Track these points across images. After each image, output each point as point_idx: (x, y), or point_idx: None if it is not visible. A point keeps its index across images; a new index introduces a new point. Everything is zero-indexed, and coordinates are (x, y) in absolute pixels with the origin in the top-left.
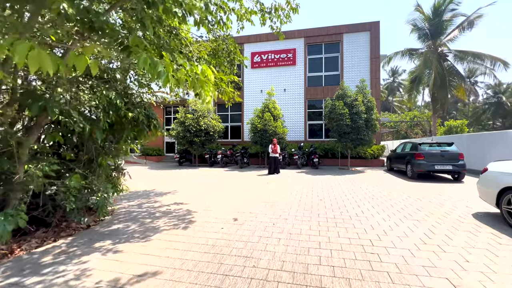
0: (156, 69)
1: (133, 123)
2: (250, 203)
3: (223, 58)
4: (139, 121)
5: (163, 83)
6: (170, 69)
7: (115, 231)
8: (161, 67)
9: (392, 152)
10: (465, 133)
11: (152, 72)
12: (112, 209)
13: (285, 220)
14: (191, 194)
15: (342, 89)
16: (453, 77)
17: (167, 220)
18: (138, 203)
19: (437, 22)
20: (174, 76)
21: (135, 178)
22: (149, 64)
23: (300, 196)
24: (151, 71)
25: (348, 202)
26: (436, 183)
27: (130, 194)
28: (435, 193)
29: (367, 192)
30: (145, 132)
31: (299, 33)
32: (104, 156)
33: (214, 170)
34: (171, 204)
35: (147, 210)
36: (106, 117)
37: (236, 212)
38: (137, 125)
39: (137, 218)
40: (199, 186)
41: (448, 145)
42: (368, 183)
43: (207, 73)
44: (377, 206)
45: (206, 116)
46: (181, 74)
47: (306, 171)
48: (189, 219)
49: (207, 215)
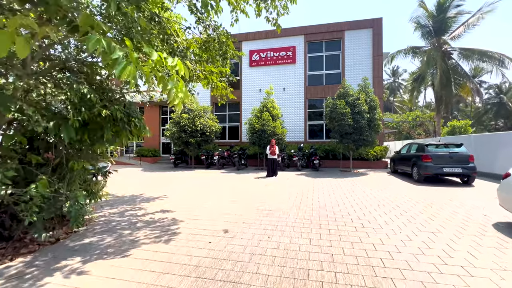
0: (112, 56)
1: (111, 122)
2: (244, 210)
3: (215, 51)
4: (118, 120)
5: (118, 74)
6: (133, 58)
7: (86, 246)
8: (118, 54)
9: (396, 154)
10: (469, 133)
11: (107, 59)
12: (90, 218)
13: (281, 232)
14: (181, 200)
15: (344, 88)
16: (458, 76)
17: (148, 232)
18: (121, 210)
19: (441, 19)
20: (138, 68)
21: (125, 181)
22: (102, 48)
23: (299, 202)
24: (106, 58)
25: (352, 209)
26: (445, 186)
27: (115, 200)
28: (446, 199)
29: (372, 198)
30: (126, 132)
31: (299, 30)
32: (77, 160)
33: (210, 172)
34: (156, 211)
35: (128, 219)
36: (77, 114)
37: (227, 222)
38: (116, 124)
39: (115, 229)
40: (191, 190)
41: (457, 146)
42: (372, 187)
43: (179, 68)
44: (384, 214)
45: (203, 116)
46: (146, 67)
47: (306, 174)
48: (174, 231)
49: (194, 226)
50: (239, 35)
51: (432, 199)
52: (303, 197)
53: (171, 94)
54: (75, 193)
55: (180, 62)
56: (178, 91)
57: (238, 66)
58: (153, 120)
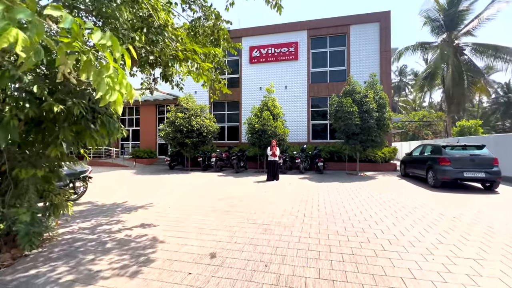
0: None
1: (70, 120)
2: (239, 224)
3: (204, 37)
4: (79, 117)
5: None
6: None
7: (27, 281)
8: None
9: (407, 156)
10: (480, 134)
11: None
12: (51, 237)
13: (282, 257)
14: (168, 210)
15: (350, 85)
16: (471, 73)
17: (115, 258)
18: (94, 224)
19: (453, 12)
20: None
21: (111, 186)
22: None
23: (303, 213)
24: None
25: (366, 224)
26: (466, 193)
27: (92, 210)
28: (474, 209)
29: (387, 207)
30: (92, 132)
31: (301, 25)
32: (25, 168)
33: (207, 175)
34: (135, 226)
35: (98, 238)
36: (18, 111)
37: (217, 242)
38: (78, 123)
39: (76, 253)
40: (182, 197)
41: (478, 148)
42: (383, 193)
43: (114, 49)
44: (406, 230)
45: (199, 115)
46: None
47: (309, 177)
48: (148, 256)
49: (176, 247)
50: (239, 30)
51: (457, 209)
52: (307, 206)
53: (102, 86)
54: (15, 210)
55: (115, 39)
56: (114, 84)
57: (238, 63)
58: (149, 119)
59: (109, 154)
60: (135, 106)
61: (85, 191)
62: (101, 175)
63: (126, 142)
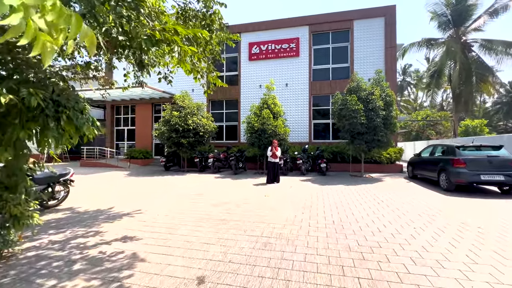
0: None
1: (28, 114)
2: (234, 238)
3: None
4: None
5: None
6: None
7: None
8: None
9: (415, 157)
10: (485, 134)
11: None
12: (11, 254)
13: (285, 283)
14: (156, 218)
15: (355, 81)
16: (480, 70)
17: (81, 284)
18: (68, 236)
19: (461, 7)
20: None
21: (99, 189)
22: None
23: (308, 222)
24: None
25: (381, 237)
26: (483, 198)
27: (71, 218)
28: (497, 217)
29: (401, 215)
30: (55, 129)
31: (302, 20)
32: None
33: (203, 177)
34: (116, 239)
35: (68, 255)
36: None
37: (207, 261)
38: (36, 118)
39: (34, 277)
40: (174, 202)
41: (495, 149)
42: (394, 198)
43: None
44: (430, 246)
45: (196, 114)
46: None
47: (312, 179)
48: (122, 281)
49: (156, 269)
50: (238, 26)
51: (479, 218)
52: (311, 213)
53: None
54: None
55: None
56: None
57: (237, 61)
58: (145, 119)
59: (104, 155)
60: (130, 104)
61: (66, 195)
62: (90, 177)
63: (122, 142)
